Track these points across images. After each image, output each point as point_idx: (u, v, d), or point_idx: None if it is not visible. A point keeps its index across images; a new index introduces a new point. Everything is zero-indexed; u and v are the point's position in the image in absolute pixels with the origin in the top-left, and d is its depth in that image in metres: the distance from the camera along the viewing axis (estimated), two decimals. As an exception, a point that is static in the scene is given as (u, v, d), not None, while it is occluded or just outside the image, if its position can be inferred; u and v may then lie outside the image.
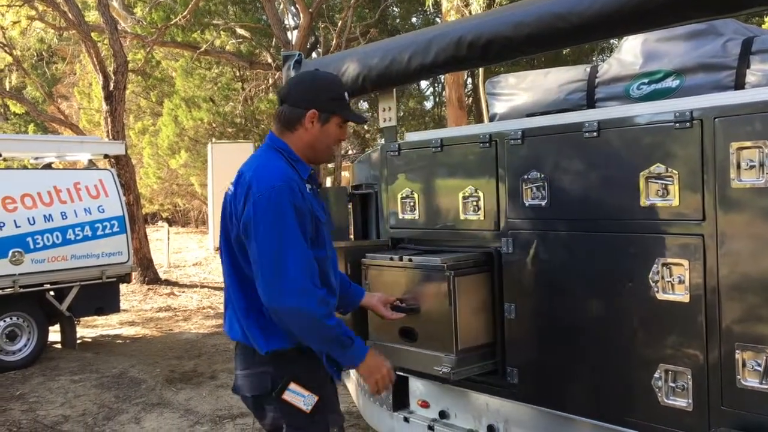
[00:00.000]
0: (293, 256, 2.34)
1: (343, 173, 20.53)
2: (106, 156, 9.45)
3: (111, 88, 13.32)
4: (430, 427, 3.50)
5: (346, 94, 2.61)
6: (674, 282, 2.54)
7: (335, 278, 2.66)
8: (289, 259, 2.33)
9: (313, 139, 2.55)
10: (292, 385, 2.43)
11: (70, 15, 13.40)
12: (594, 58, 17.92)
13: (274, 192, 2.36)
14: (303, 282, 2.33)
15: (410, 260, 3.16)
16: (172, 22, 16.46)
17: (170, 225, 21.32)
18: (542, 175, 2.95)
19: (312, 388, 2.47)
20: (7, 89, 20.42)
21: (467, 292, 3.05)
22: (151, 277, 13.76)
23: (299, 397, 2.44)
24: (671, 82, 3.28)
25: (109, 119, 13.35)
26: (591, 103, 3.58)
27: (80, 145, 9.44)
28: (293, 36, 17.66)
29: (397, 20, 20.98)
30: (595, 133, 2.76)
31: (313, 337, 2.42)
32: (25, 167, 11.30)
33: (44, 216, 7.92)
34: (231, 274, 2.54)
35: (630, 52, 3.48)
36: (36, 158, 9.61)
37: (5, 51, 17.39)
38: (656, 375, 2.60)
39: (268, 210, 2.35)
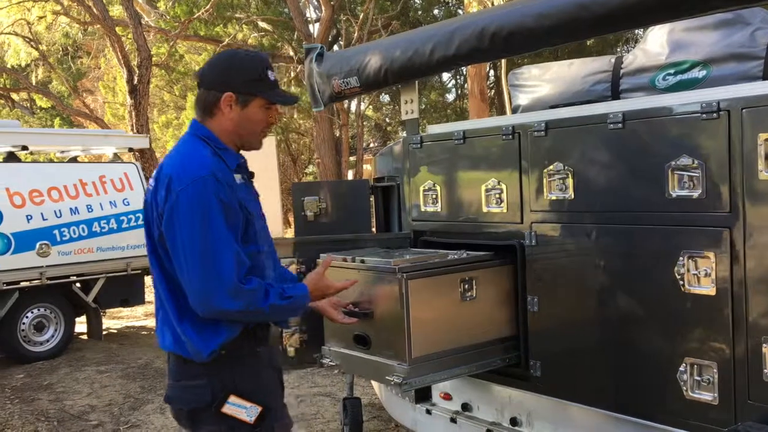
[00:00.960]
0: (222, 255, 2.13)
1: (364, 166, 20.55)
2: (130, 149, 9.54)
3: (135, 82, 13.44)
4: (453, 420, 3.50)
5: (269, 73, 2.36)
6: (700, 275, 2.51)
7: (274, 274, 2.45)
8: (219, 258, 2.12)
9: (235, 125, 2.33)
10: (232, 398, 2.23)
11: (94, 10, 13.54)
12: (619, 49, 17.71)
13: (197, 184, 2.15)
14: (235, 282, 2.13)
15: (362, 261, 3.01)
16: (195, 16, 16.56)
17: (194, 218, 21.47)
18: (566, 167, 2.93)
19: (254, 398, 2.26)
20: (34, 84, 20.67)
21: (422, 296, 2.84)
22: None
23: (240, 409, 2.25)
24: (698, 73, 3.23)
25: (133, 113, 13.48)
26: (616, 94, 3.55)
27: (105, 138, 9.55)
28: (315, 29, 17.69)
29: (419, 12, 20.88)
30: (620, 125, 2.73)
31: (259, 321, 2.30)
32: (51, 161, 11.45)
33: (70, 209, 8.04)
34: (161, 278, 2.28)
35: (656, 42, 3.43)
36: (62, 152, 9.74)
37: (31, 46, 17.62)
38: (681, 368, 2.58)
39: (192, 204, 2.14)
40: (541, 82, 3.92)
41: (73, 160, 9.28)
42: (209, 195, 2.14)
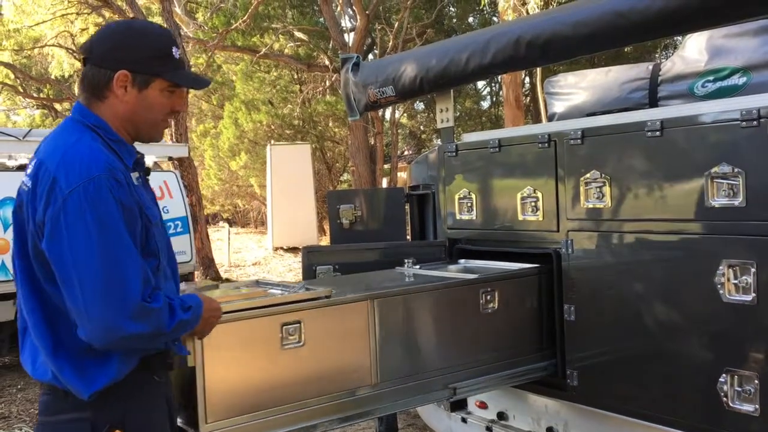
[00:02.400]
0: (126, 273, 1.73)
1: (399, 174, 20.58)
2: (170, 158, 9.71)
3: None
4: (488, 429, 3.49)
5: (174, 49, 1.95)
6: (740, 284, 2.48)
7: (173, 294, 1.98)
8: (122, 278, 1.73)
9: (131, 111, 1.91)
10: None
11: (135, 22, 13.81)
12: (657, 56, 17.48)
13: (89, 187, 1.73)
14: (140, 303, 1.74)
15: None
16: (233, 27, 16.80)
17: (230, 225, 21.77)
18: (603, 175, 2.91)
19: (139, 429, 1.90)
20: (76, 94, 21.18)
21: (223, 344, 2.26)
22: (212, 275, 14.07)
23: None
24: (738, 80, 3.19)
25: (172, 122, 13.70)
26: (653, 101, 3.52)
27: (145, 147, 9.72)
28: (350, 38, 17.82)
29: (454, 20, 20.90)
30: (657, 133, 2.71)
31: (160, 343, 1.91)
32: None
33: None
34: (30, 299, 1.83)
35: (694, 48, 3.40)
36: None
37: (74, 57, 18.05)
38: (721, 379, 2.54)
39: (83, 213, 1.71)
40: (578, 90, 3.91)
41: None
42: (106, 199, 1.74)
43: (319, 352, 2.50)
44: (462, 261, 3.61)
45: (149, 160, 9.29)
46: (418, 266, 3.36)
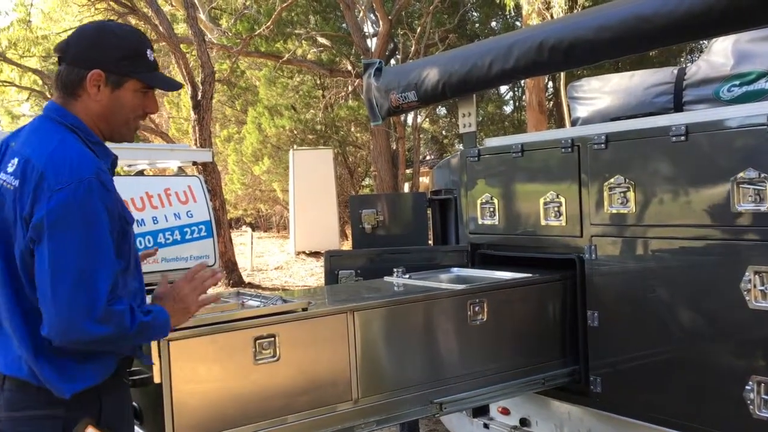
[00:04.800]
0: (99, 277, 1.75)
1: (421, 179, 20.57)
2: (194, 163, 9.82)
3: (199, 97, 13.81)
4: (510, 434, 3.48)
5: (148, 51, 1.99)
6: (767, 290, 2.45)
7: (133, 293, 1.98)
8: (94, 281, 1.74)
9: (105, 110, 1.94)
10: (90, 430, 1.85)
11: (161, 28, 14.00)
12: (681, 60, 17.31)
13: (80, 188, 1.76)
14: (105, 306, 1.75)
15: None
16: (256, 33, 16.93)
17: (253, 230, 21.91)
18: (627, 180, 2.89)
19: (112, 426, 1.91)
20: (51, 93, 21.42)
21: (192, 359, 2.20)
22: (235, 279, 14.17)
23: None
24: (764, 84, 3.16)
25: (197, 127, 13.84)
26: (679, 106, 3.49)
27: (170, 152, 9.84)
28: (372, 43, 17.86)
29: (477, 25, 20.87)
30: (683, 137, 2.69)
31: (124, 347, 1.92)
32: (118, 174, 11.87)
33: (137, 221, 8.31)
34: (10, 298, 1.84)
35: (720, 53, 3.37)
36: (129, 165, 10.09)
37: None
38: (748, 387, 2.51)
39: (72, 212, 1.74)
40: (601, 95, 3.89)
41: (140, 173, 9.60)
42: (94, 202, 1.77)
43: (296, 367, 2.41)
44: (455, 270, 3.53)
45: (173, 165, 9.43)
46: (407, 276, 3.23)
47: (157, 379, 2.11)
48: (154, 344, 2.10)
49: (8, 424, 1.85)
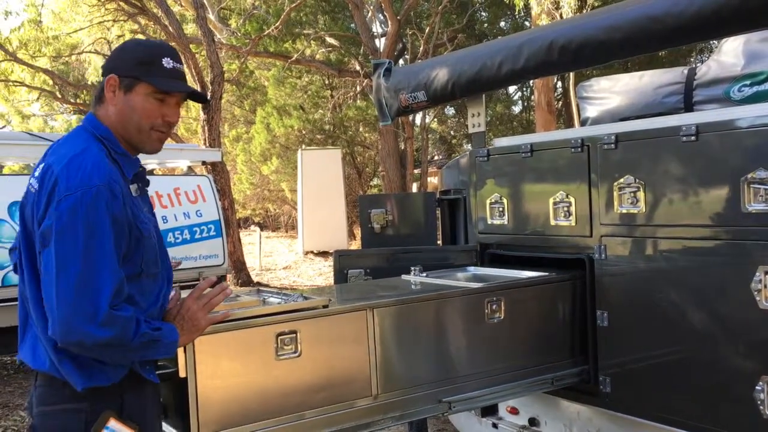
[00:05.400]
0: (101, 281, 1.80)
1: (429, 179, 20.57)
2: (203, 163, 9.86)
3: (208, 97, 13.86)
4: (519, 434, 3.48)
5: (165, 59, 2.00)
6: (778, 291, 2.44)
7: (158, 304, 2.04)
8: (97, 285, 1.80)
9: (119, 115, 1.99)
10: (111, 422, 1.91)
11: (170, 28, 14.06)
12: (692, 60, 17.24)
13: (87, 195, 1.82)
14: (107, 310, 1.80)
15: None
16: (265, 33, 16.98)
17: (262, 229, 21.96)
18: (637, 180, 2.89)
19: (134, 420, 1.96)
20: None
21: (216, 355, 2.24)
22: (243, 279, 14.21)
23: None
24: (775, 84, 3.15)
25: (206, 127, 13.89)
26: (689, 106, 3.49)
27: (179, 152, 9.88)
28: (381, 43, 17.87)
29: (485, 25, 20.85)
30: (693, 137, 2.69)
31: (126, 358, 1.94)
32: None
33: (146, 220, 8.34)
34: (35, 295, 1.92)
35: (731, 53, 3.36)
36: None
37: (111, 64, 18.35)
38: (758, 387, 2.50)
39: (77, 218, 1.81)
40: (611, 95, 3.89)
41: (150, 173, 9.63)
42: (100, 210, 1.83)
43: (317, 363, 2.44)
44: (471, 269, 3.55)
45: (183, 164, 9.47)
46: (424, 274, 3.25)
47: (182, 374, 2.15)
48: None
49: (39, 419, 1.95)
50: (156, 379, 2.06)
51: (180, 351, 2.12)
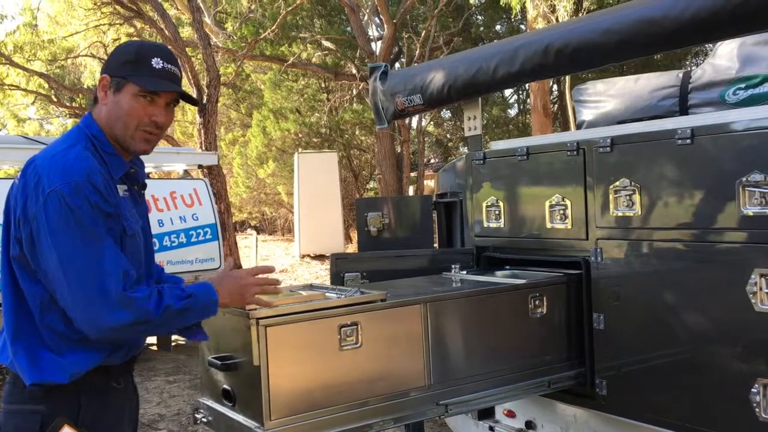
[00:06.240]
0: (104, 266, 1.83)
1: (425, 182, 20.59)
2: (199, 166, 9.85)
3: (204, 101, 13.85)
4: (516, 437, 3.48)
5: (155, 59, 2.00)
6: (774, 293, 2.45)
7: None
8: (101, 270, 1.82)
9: (108, 114, 2.01)
10: (66, 429, 1.88)
11: (166, 32, 14.04)
12: (687, 63, 17.29)
13: (67, 188, 1.83)
14: (120, 292, 1.83)
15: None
16: (261, 37, 16.99)
17: (258, 233, 21.94)
18: (633, 183, 2.90)
19: (90, 427, 1.94)
20: None
21: (286, 345, 2.34)
22: (240, 283, 14.16)
23: None
24: (770, 87, 3.16)
25: (202, 131, 13.87)
26: (684, 109, 3.50)
27: (176, 155, 9.89)
28: (377, 47, 17.90)
29: (481, 29, 20.90)
30: (688, 140, 2.70)
31: (159, 330, 2.02)
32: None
33: (143, 223, 8.33)
34: (8, 285, 1.95)
35: (725, 56, 3.37)
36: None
37: (107, 67, 18.34)
38: (753, 389, 2.51)
39: (62, 211, 1.82)
40: (607, 98, 3.89)
41: (146, 176, 9.62)
42: (81, 201, 1.84)
43: (375, 354, 2.56)
44: (507, 267, 3.60)
45: (179, 168, 9.45)
46: (464, 271, 3.38)
47: (255, 363, 2.25)
48: (253, 329, 2.23)
49: (2, 417, 1.95)
50: (199, 337, 2.10)
51: (254, 341, 2.23)
